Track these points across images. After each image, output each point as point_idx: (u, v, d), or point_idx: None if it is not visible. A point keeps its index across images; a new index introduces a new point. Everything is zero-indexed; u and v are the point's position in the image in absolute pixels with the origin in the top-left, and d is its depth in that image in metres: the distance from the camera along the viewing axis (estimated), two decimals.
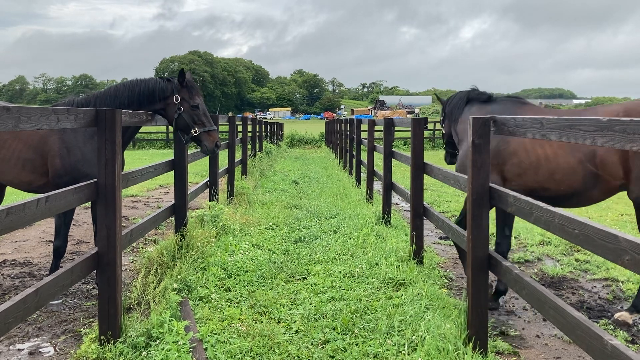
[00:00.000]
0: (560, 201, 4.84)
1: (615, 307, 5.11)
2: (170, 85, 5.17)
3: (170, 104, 5.15)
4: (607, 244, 2.30)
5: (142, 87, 5.09)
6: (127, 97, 5.03)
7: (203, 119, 5.26)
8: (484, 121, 3.71)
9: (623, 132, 2.23)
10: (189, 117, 5.17)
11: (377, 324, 4.27)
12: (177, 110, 5.14)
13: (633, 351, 2.29)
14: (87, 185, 3.48)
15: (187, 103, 5.16)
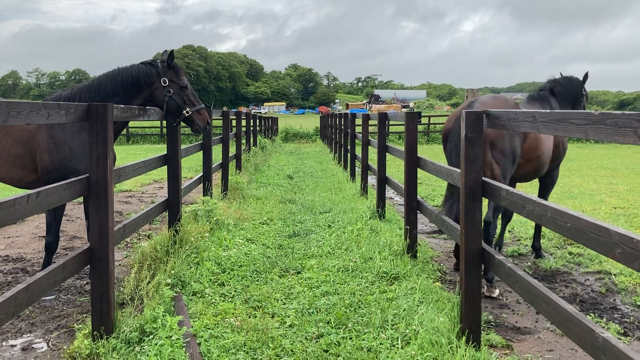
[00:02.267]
0: None
1: (608, 300, 5.14)
2: (155, 69, 5.11)
3: (158, 87, 5.09)
4: (599, 237, 2.31)
5: (125, 75, 5.02)
6: (111, 87, 4.97)
7: (192, 99, 5.25)
8: (477, 115, 3.71)
9: (614, 126, 2.23)
10: (180, 99, 5.15)
11: (370, 318, 4.27)
12: (167, 93, 5.09)
13: (624, 343, 2.30)
14: (78, 181, 3.45)
15: (176, 84, 5.13)
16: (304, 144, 32.05)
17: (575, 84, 6.80)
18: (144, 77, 5.05)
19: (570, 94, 6.78)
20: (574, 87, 6.79)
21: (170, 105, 5.16)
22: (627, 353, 2.14)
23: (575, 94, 6.78)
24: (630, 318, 4.67)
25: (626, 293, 5.29)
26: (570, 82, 6.82)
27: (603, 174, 15.64)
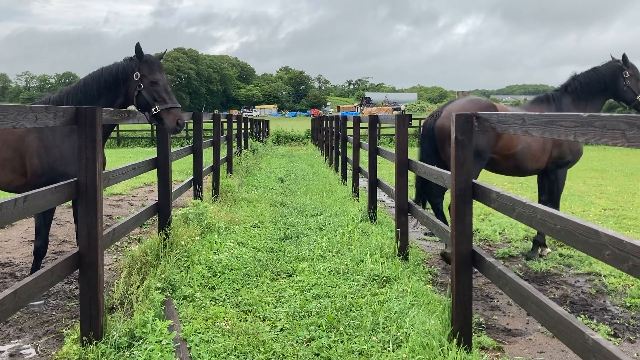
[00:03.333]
0: None
1: (598, 301, 5.16)
2: (132, 63, 4.95)
3: (131, 82, 4.93)
4: (588, 239, 2.31)
5: (107, 74, 4.91)
6: (95, 88, 4.86)
7: (164, 95, 4.94)
8: (466, 117, 3.71)
9: (603, 128, 2.24)
10: (149, 94, 4.88)
11: (362, 321, 4.26)
12: (137, 87, 4.89)
13: (614, 345, 2.30)
14: (67, 185, 3.43)
15: (147, 79, 4.90)
16: (295, 146, 32.03)
17: (601, 74, 6.59)
18: (121, 74, 4.90)
19: (594, 87, 6.59)
20: (599, 77, 6.58)
21: (138, 100, 4.92)
22: (617, 355, 2.14)
23: (603, 84, 6.57)
24: (620, 319, 4.69)
25: (616, 294, 5.31)
26: (595, 74, 6.62)
27: (593, 175, 15.75)
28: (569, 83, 6.74)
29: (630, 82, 6.52)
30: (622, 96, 6.60)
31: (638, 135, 2.00)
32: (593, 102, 6.68)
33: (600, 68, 6.66)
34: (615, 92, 6.62)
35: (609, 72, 6.59)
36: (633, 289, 5.29)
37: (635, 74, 6.54)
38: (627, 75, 6.50)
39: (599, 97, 6.68)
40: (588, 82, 6.63)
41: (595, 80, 6.62)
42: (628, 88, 6.52)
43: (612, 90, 6.62)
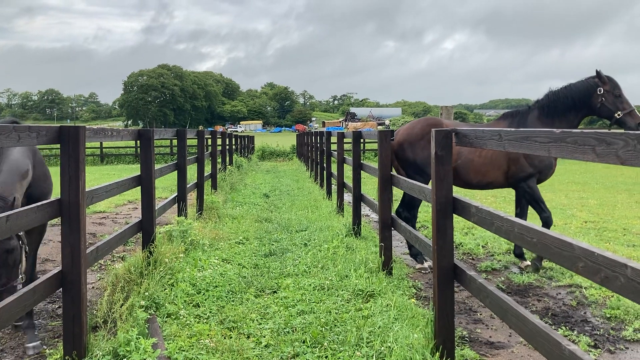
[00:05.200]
0: None
1: (579, 313, 5.23)
2: None
3: None
4: (562, 251, 2.37)
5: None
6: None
7: None
8: (446, 133, 3.79)
9: (575, 144, 2.31)
10: None
11: (346, 336, 4.28)
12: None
13: (589, 356, 2.36)
14: (49, 204, 3.43)
15: None
16: (280, 162, 32.08)
17: (573, 91, 6.55)
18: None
19: (565, 103, 6.56)
20: (571, 94, 6.55)
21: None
22: None
23: (576, 101, 6.52)
24: (601, 330, 4.76)
25: (596, 306, 5.39)
26: (566, 90, 6.60)
27: (574, 188, 15.96)
28: (541, 99, 6.81)
29: (606, 99, 6.37)
30: (599, 113, 6.47)
31: (607, 150, 2.07)
32: (566, 119, 6.60)
33: (573, 84, 6.59)
34: (591, 109, 6.50)
35: (582, 89, 6.49)
36: (613, 300, 5.37)
37: (612, 90, 6.36)
38: (602, 92, 6.36)
39: (573, 114, 6.58)
40: (558, 98, 6.61)
41: (565, 96, 6.56)
42: (603, 105, 6.39)
43: (587, 106, 6.51)
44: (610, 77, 6.45)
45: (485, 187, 6.87)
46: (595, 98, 6.43)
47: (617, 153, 2.00)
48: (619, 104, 6.38)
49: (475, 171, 6.63)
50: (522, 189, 6.69)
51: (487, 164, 6.62)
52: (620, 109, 6.36)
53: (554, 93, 6.69)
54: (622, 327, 4.83)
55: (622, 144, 1.97)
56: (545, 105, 6.69)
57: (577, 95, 6.52)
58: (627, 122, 6.35)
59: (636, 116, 6.36)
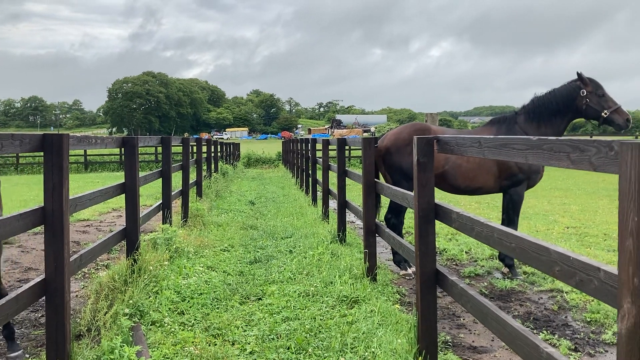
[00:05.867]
0: None
1: (560, 317, 5.31)
2: None
3: None
4: (540, 256, 2.43)
5: None
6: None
7: None
8: (427, 140, 3.84)
9: (550, 151, 2.37)
10: None
11: (330, 342, 4.31)
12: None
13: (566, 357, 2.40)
14: (32, 212, 3.42)
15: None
16: (266, 169, 32.06)
17: (557, 95, 6.62)
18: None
19: (550, 108, 6.61)
20: (555, 98, 6.61)
21: None
22: None
23: (561, 105, 6.59)
24: (581, 334, 4.84)
25: (577, 310, 5.47)
26: (550, 95, 6.66)
27: (557, 194, 16.15)
28: (527, 105, 6.91)
29: (590, 100, 6.44)
30: (585, 114, 6.54)
31: (580, 157, 2.13)
32: (552, 123, 6.66)
33: (557, 89, 6.67)
34: (578, 111, 6.57)
35: (566, 93, 6.56)
36: (593, 305, 5.45)
37: (595, 90, 6.42)
38: (585, 93, 6.42)
39: (559, 118, 6.64)
40: (543, 103, 6.68)
41: (550, 101, 6.63)
42: (588, 106, 6.45)
43: (572, 110, 6.57)
44: (592, 78, 6.52)
45: (473, 192, 6.90)
46: (579, 100, 6.50)
47: (590, 160, 2.06)
48: (603, 103, 6.43)
49: (464, 176, 6.65)
50: (510, 195, 6.75)
51: (476, 169, 6.62)
52: (606, 107, 6.41)
53: (539, 98, 6.76)
54: (601, 331, 4.90)
55: (595, 151, 2.03)
56: (531, 111, 6.76)
57: (562, 100, 6.58)
58: (615, 119, 6.41)
59: (623, 113, 6.41)
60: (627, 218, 1.69)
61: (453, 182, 6.72)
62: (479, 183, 6.73)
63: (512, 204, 6.77)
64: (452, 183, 6.73)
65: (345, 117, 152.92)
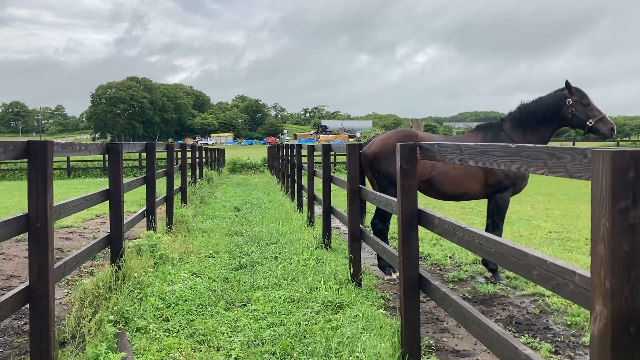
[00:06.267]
0: None
1: (542, 321, 5.39)
2: None
3: None
4: (519, 260, 2.49)
5: None
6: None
7: None
8: (410, 147, 3.90)
9: (528, 157, 2.43)
10: None
11: (315, 347, 4.34)
12: None
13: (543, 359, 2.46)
14: (16, 219, 3.42)
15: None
16: (251, 175, 32.02)
17: (543, 104, 6.70)
18: None
19: (536, 116, 6.70)
20: (542, 107, 6.70)
21: None
22: None
23: (547, 113, 6.68)
24: (562, 337, 4.92)
25: (558, 313, 5.56)
26: (537, 103, 6.75)
27: (540, 200, 16.33)
28: (513, 112, 7.00)
29: (576, 109, 6.54)
30: (571, 123, 6.65)
31: (557, 164, 2.19)
32: (538, 131, 6.75)
33: (543, 98, 6.76)
34: (563, 120, 6.67)
35: (552, 101, 6.66)
36: (574, 308, 5.55)
37: (580, 100, 6.53)
38: (571, 102, 6.53)
39: (545, 126, 6.73)
40: (529, 111, 6.77)
41: (537, 109, 6.72)
42: (574, 115, 6.56)
43: (558, 118, 6.67)
44: (578, 87, 6.62)
45: (459, 198, 6.95)
46: (565, 109, 6.60)
47: (566, 167, 2.12)
48: (589, 112, 6.54)
49: (450, 182, 6.71)
50: (496, 201, 6.83)
51: (462, 176, 6.68)
52: (591, 116, 6.52)
53: (525, 106, 6.84)
54: (581, 334, 4.99)
55: (570, 158, 2.10)
56: (517, 118, 6.85)
57: (548, 108, 6.68)
58: (600, 128, 6.53)
59: (607, 122, 6.53)
60: (599, 223, 1.76)
61: (439, 188, 6.77)
62: (465, 189, 6.79)
63: (497, 210, 6.85)
64: (438, 189, 6.78)
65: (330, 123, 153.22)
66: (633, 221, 1.69)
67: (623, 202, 1.69)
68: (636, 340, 1.71)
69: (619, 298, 1.70)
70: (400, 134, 6.98)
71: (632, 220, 1.69)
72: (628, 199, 1.69)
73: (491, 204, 6.92)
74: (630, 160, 1.69)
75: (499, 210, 6.84)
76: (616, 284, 1.70)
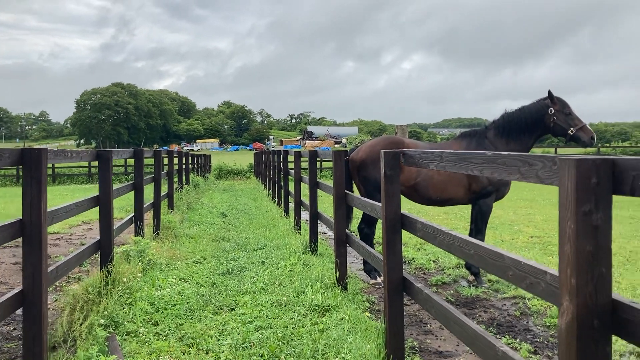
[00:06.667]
0: None
1: (522, 322, 5.55)
2: None
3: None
4: (495, 262, 2.63)
5: None
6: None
7: None
8: (394, 154, 4.05)
9: (504, 165, 2.58)
10: None
11: (302, 349, 4.45)
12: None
13: (519, 356, 2.61)
14: (11, 224, 3.50)
15: None
16: (237, 180, 32.04)
17: (526, 113, 6.88)
18: None
19: (519, 125, 6.88)
20: (524, 115, 6.87)
21: None
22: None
23: (530, 122, 6.86)
24: (541, 338, 5.08)
25: (538, 315, 5.73)
26: (520, 112, 6.92)
27: (522, 205, 16.60)
28: (497, 120, 7.19)
29: (558, 118, 6.74)
30: (552, 132, 6.85)
31: (529, 171, 2.34)
32: (521, 139, 6.93)
33: (526, 107, 6.95)
34: (546, 128, 6.87)
35: (534, 110, 6.85)
36: (553, 310, 5.72)
37: (562, 109, 6.72)
38: (553, 112, 6.72)
39: (528, 134, 6.92)
40: (513, 119, 6.96)
41: (520, 118, 6.91)
42: (555, 124, 6.75)
43: (541, 127, 6.87)
44: (560, 97, 6.84)
45: (444, 203, 7.13)
46: (547, 118, 6.80)
47: (537, 173, 2.27)
48: (570, 121, 6.74)
49: (435, 188, 6.90)
50: (479, 206, 7.01)
51: (447, 182, 6.86)
52: (572, 125, 6.73)
53: (509, 114, 7.03)
54: None
55: (541, 165, 2.25)
56: (501, 126, 7.04)
57: (530, 117, 6.87)
58: (580, 137, 6.74)
59: (588, 131, 6.75)
60: (566, 225, 1.90)
61: (425, 194, 6.95)
62: (449, 194, 6.97)
63: (480, 215, 7.03)
64: (423, 194, 6.96)
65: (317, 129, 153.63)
66: (595, 223, 1.84)
67: (586, 206, 1.84)
68: (599, 332, 1.86)
69: (583, 294, 1.85)
70: (387, 141, 7.15)
71: (594, 223, 1.84)
72: (591, 203, 1.84)
73: (475, 209, 7.10)
74: (592, 167, 1.84)
75: (482, 215, 7.02)
76: (581, 281, 1.85)
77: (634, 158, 1.78)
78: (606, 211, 1.84)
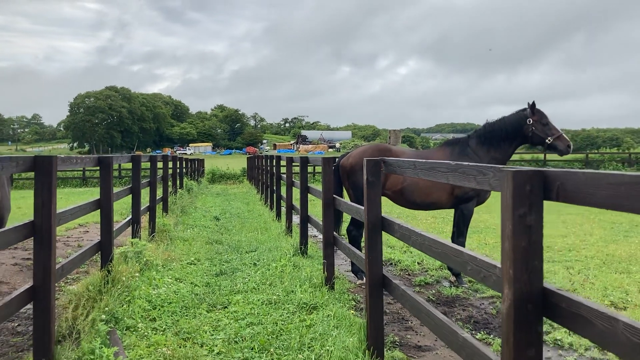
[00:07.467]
0: None
1: (498, 320, 5.92)
2: None
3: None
4: (457, 258, 3.00)
5: None
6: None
7: None
8: (375, 162, 4.42)
9: (463, 173, 2.95)
10: None
11: (290, 342, 4.81)
12: None
13: (477, 340, 2.97)
14: (24, 225, 3.85)
15: None
16: (231, 185, 32.34)
17: (506, 123, 7.25)
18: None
19: (499, 134, 7.28)
20: (504, 126, 7.25)
21: None
22: (479, 348, 2.81)
23: (509, 132, 7.24)
24: None
25: None
26: (500, 123, 7.30)
27: None
28: (479, 130, 7.60)
29: (536, 128, 7.11)
30: (531, 141, 7.26)
31: (483, 179, 2.71)
32: (501, 148, 7.33)
33: (506, 117, 7.36)
34: (524, 138, 7.27)
35: (513, 121, 7.26)
36: None
37: (540, 119, 7.08)
38: (531, 122, 7.10)
39: (507, 143, 7.32)
40: (493, 129, 7.37)
41: (500, 128, 7.32)
42: (534, 133, 7.12)
43: (520, 136, 7.27)
44: (538, 108, 7.24)
45: (428, 207, 7.51)
46: (526, 128, 7.21)
47: (489, 181, 2.64)
48: (547, 130, 7.15)
49: (420, 192, 7.28)
50: (461, 210, 7.39)
51: (431, 187, 7.22)
52: (549, 134, 7.15)
53: (490, 124, 7.44)
54: None
55: (492, 174, 2.62)
56: (482, 135, 7.45)
57: (510, 127, 7.28)
58: (557, 145, 7.17)
59: (564, 139, 7.17)
60: (505, 225, 2.27)
61: (410, 198, 7.33)
62: (433, 199, 7.35)
63: (462, 219, 7.42)
64: (409, 198, 7.34)
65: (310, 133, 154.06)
66: (529, 224, 2.21)
67: (522, 209, 2.21)
68: (533, 314, 2.23)
69: (519, 283, 2.21)
70: (376, 149, 7.54)
71: (528, 223, 2.21)
72: (525, 207, 2.21)
73: (457, 213, 7.48)
74: (526, 177, 2.21)
75: (464, 219, 7.41)
76: (517, 272, 2.21)
77: (559, 170, 2.15)
78: (538, 214, 2.21)
